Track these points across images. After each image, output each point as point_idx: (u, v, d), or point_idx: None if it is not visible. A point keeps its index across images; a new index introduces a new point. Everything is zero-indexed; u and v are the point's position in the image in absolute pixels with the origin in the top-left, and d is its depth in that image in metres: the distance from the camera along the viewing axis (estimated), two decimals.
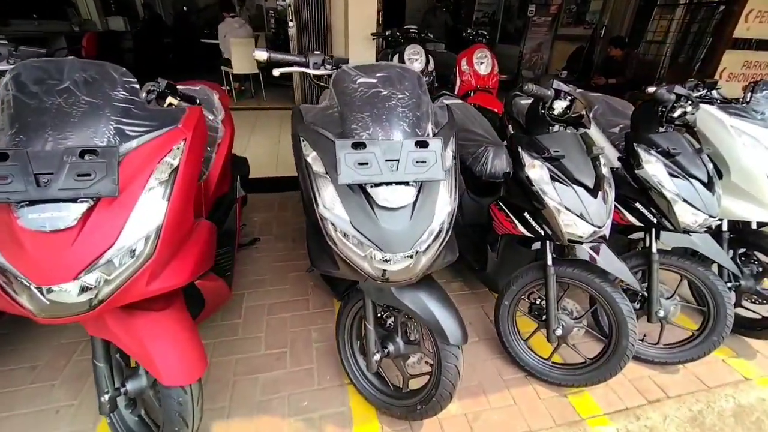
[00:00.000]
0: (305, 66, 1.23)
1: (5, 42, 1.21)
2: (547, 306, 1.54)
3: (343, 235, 1.01)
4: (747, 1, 3.91)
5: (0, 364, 1.59)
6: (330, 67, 1.23)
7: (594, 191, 1.36)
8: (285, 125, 4.77)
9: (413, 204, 1.00)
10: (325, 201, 1.03)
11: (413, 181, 0.99)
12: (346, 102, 1.07)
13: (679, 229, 1.52)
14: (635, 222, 1.65)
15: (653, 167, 1.50)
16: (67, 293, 0.86)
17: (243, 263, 2.33)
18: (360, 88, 1.07)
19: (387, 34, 3.71)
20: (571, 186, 1.35)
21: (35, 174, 0.82)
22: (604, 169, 1.42)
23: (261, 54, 1.18)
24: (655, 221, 1.58)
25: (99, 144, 0.90)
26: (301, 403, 1.52)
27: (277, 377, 1.62)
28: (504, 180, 1.64)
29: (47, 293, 0.86)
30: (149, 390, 1.18)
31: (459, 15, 8.55)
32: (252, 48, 5.28)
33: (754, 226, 1.87)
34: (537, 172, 1.38)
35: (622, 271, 1.47)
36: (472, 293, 2.19)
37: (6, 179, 0.79)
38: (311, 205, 1.06)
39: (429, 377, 1.34)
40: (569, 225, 1.36)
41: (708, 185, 1.48)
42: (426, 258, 1.05)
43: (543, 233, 1.46)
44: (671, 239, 1.67)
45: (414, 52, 3.37)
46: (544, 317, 1.59)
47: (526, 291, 1.63)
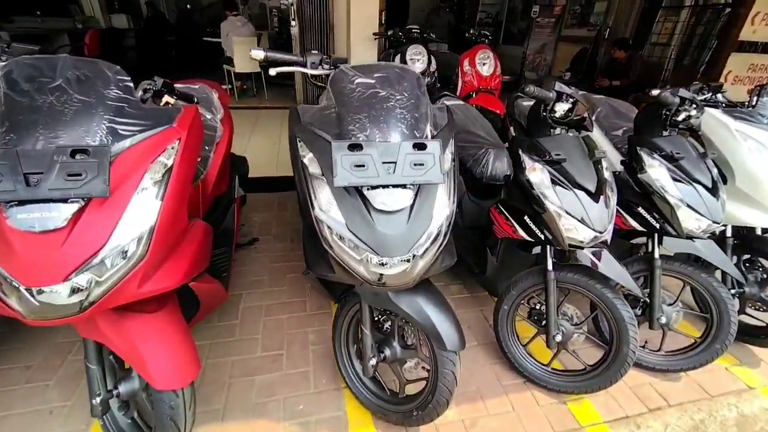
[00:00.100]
0: (303, 66, 1.21)
1: None
2: (547, 311, 1.51)
3: (339, 239, 1.00)
4: (754, 4, 3.87)
5: None
6: (328, 67, 1.22)
7: (595, 195, 1.34)
8: (286, 125, 4.71)
9: (410, 207, 0.98)
10: (321, 203, 1.01)
11: (411, 184, 0.97)
12: (343, 102, 1.05)
13: (683, 235, 1.50)
14: (637, 227, 1.62)
15: (656, 171, 1.48)
16: (57, 295, 0.85)
17: (242, 263, 2.31)
18: (358, 88, 1.05)
19: (389, 34, 3.69)
20: (573, 190, 1.33)
21: (25, 173, 0.81)
22: (606, 173, 1.40)
23: (258, 53, 1.16)
24: (658, 226, 1.55)
25: (91, 143, 0.89)
26: (297, 407, 1.50)
27: (273, 380, 1.60)
28: (504, 183, 1.62)
29: (37, 295, 0.84)
30: (142, 393, 1.16)
31: (462, 15, 8.54)
32: (254, 47, 5.27)
33: (758, 232, 1.84)
34: (538, 175, 1.36)
35: (623, 277, 1.45)
36: (471, 296, 2.17)
37: None
38: (307, 208, 1.05)
39: (426, 383, 1.33)
40: (570, 230, 1.34)
41: (712, 190, 1.46)
42: (423, 262, 1.03)
43: (543, 238, 1.44)
44: (674, 245, 1.64)
45: (416, 52, 3.34)
46: (543, 322, 1.56)
47: (525, 296, 1.61)
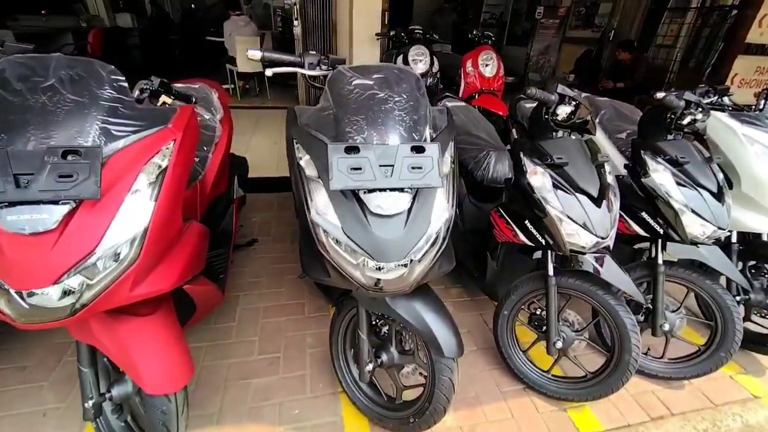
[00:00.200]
0: (300, 66, 1.19)
1: None
2: (548, 317, 1.49)
3: (335, 242, 0.98)
4: (762, 6, 3.82)
5: None
6: (326, 68, 1.20)
7: (598, 200, 1.31)
8: None
9: (408, 211, 0.96)
10: (318, 206, 0.99)
11: (408, 188, 0.95)
12: (340, 104, 1.03)
13: (687, 241, 1.47)
14: (641, 232, 1.59)
15: (660, 176, 1.45)
16: (48, 297, 0.84)
17: (240, 264, 2.30)
18: (355, 89, 1.04)
19: (391, 34, 3.67)
20: (574, 194, 1.30)
21: (15, 174, 0.79)
22: (609, 178, 1.37)
23: (254, 53, 1.14)
24: (662, 232, 1.52)
25: (83, 144, 0.87)
26: (293, 411, 1.48)
27: (270, 383, 1.59)
28: (506, 186, 1.60)
29: (27, 297, 0.83)
30: (135, 396, 1.15)
31: (466, 16, 8.51)
32: (257, 46, 5.27)
33: (765, 238, 1.81)
34: (539, 179, 1.34)
35: (625, 283, 1.42)
36: (471, 300, 2.15)
37: None
38: (303, 210, 1.03)
39: (423, 389, 1.30)
40: (571, 235, 1.31)
41: (717, 195, 1.43)
42: (421, 267, 1.01)
43: (544, 242, 1.41)
44: (678, 250, 1.61)
45: (418, 53, 3.32)
46: (544, 328, 1.54)
47: (526, 301, 1.58)
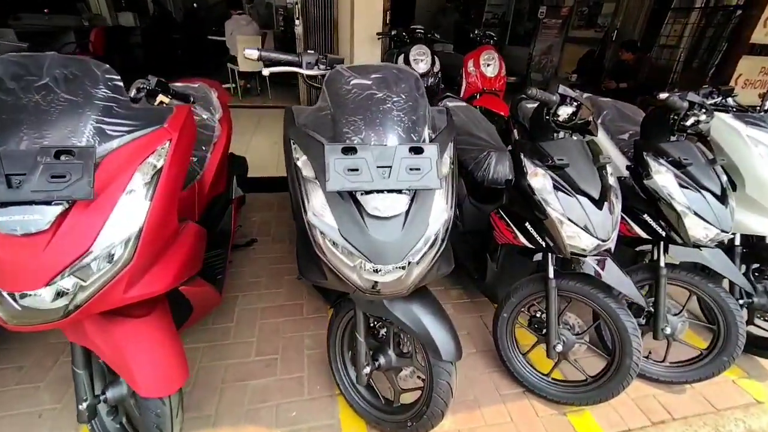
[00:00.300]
0: (298, 66, 1.18)
1: None
2: (548, 320, 1.47)
3: (332, 244, 0.96)
4: (766, 6, 3.79)
5: None
6: (324, 67, 1.18)
7: (599, 202, 1.29)
8: None
9: (406, 213, 0.94)
10: (315, 208, 0.98)
11: (406, 189, 0.94)
12: (338, 104, 1.02)
13: (689, 243, 1.45)
14: (643, 234, 1.57)
15: (663, 178, 1.43)
16: (40, 299, 0.84)
17: (239, 264, 2.29)
18: (353, 89, 1.02)
19: (393, 33, 3.66)
20: (575, 196, 1.29)
21: (6, 174, 0.78)
22: (610, 179, 1.36)
23: (251, 53, 1.13)
24: (664, 234, 1.50)
25: (77, 144, 0.87)
26: (290, 414, 1.47)
27: (267, 385, 1.58)
28: (506, 187, 1.58)
29: (20, 299, 0.83)
30: (130, 399, 1.14)
31: (468, 16, 8.48)
32: (258, 45, 5.26)
33: None
34: (539, 180, 1.32)
35: (627, 286, 1.40)
36: (471, 302, 2.13)
37: None
38: (300, 212, 1.02)
39: (421, 392, 1.29)
40: (572, 237, 1.29)
41: (721, 198, 1.41)
42: (419, 270, 0.99)
43: (545, 245, 1.39)
44: (680, 253, 1.59)
45: (419, 52, 3.30)
46: (544, 331, 1.52)
47: (526, 303, 1.57)
